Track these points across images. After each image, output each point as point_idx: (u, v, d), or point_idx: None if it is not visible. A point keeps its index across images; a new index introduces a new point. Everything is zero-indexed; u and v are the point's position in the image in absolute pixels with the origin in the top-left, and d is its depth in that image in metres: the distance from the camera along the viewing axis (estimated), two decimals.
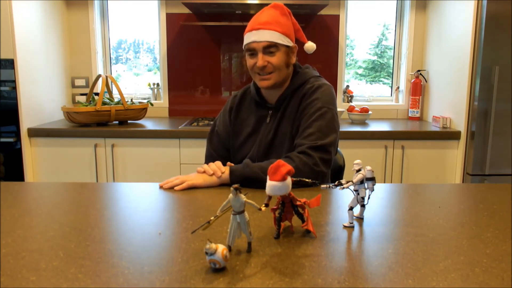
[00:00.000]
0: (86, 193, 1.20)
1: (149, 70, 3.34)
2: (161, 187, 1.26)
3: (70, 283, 0.69)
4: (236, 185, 0.77)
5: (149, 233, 0.90)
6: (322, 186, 0.94)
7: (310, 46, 1.47)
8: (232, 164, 1.34)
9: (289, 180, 0.83)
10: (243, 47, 1.40)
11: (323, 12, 3.00)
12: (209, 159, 1.53)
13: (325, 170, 1.29)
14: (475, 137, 2.40)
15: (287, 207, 0.87)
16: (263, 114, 1.46)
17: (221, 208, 0.81)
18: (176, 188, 1.24)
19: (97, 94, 2.81)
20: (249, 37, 1.35)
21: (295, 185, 0.89)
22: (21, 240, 0.86)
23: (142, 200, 1.14)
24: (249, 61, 1.38)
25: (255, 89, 1.48)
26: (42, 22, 2.67)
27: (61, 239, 0.86)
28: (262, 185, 0.94)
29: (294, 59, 1.41)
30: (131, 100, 2.83)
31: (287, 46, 1.36)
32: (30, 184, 1.31)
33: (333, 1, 2.98)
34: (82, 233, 0.90)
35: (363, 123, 2.86)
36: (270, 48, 1.33)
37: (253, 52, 1.36)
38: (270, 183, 0.82)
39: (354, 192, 0.95)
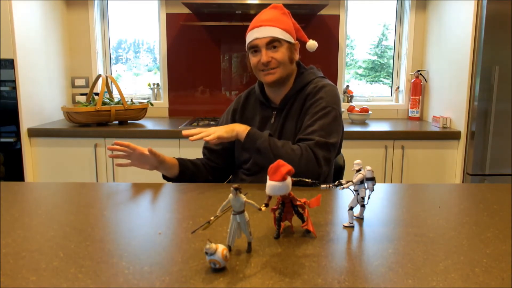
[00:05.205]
0: (86, 193, 1.20)
1: (149, 70, 3.34)
2: (185, 135, 1.27)
3: (70, 283, 0.69)
4: (236, 185, 0.77)
5: (149, 233, 0.90)
6: (322, 186, 0.94)
7: (312, 44, 1.50)
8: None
9: (289, 180, 0.83)
10: (246, 47, 1.40)
11: (323, 12, 3.00)
12: None
13: (325, 168, 1.29)
14: (475, 137, 2.40)
15: (287, 207, 0.87)
16: (267, 114, 1.46)
17: (221, 208, 0.81)
18: (206, 139, 1.25)
19: (97, 94, 2.81)
20: (251, 35, 1.36)
21: (295, 185, 0.89)
22: (21, 240, 0.86)
23: (142, 200, 1.14)
24: (253, 60, 1.39)
25: (259, 90, 1.48)
26: (42, 22, 2.67)
27: (61, 239, 0.86)
28: (265, 161, 1.19)
29: (297, 56, 1.43)
30: (131, 100, 2.83)
31: (289, 43, 1.38)
32: (30, 184, 1.31)
33: (333, 1, 2.98)
34: (82, 233, 0.90)
35: (363, 123, 2.86)
36: (273, 43, 1.34)
37: (256, 49, 1.37)
38: (270, 183, 0.82)
39: (354, 192, 0.95)
